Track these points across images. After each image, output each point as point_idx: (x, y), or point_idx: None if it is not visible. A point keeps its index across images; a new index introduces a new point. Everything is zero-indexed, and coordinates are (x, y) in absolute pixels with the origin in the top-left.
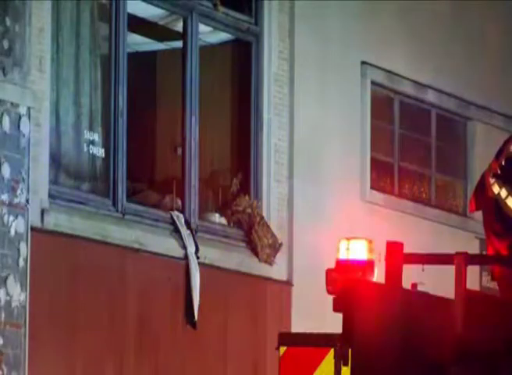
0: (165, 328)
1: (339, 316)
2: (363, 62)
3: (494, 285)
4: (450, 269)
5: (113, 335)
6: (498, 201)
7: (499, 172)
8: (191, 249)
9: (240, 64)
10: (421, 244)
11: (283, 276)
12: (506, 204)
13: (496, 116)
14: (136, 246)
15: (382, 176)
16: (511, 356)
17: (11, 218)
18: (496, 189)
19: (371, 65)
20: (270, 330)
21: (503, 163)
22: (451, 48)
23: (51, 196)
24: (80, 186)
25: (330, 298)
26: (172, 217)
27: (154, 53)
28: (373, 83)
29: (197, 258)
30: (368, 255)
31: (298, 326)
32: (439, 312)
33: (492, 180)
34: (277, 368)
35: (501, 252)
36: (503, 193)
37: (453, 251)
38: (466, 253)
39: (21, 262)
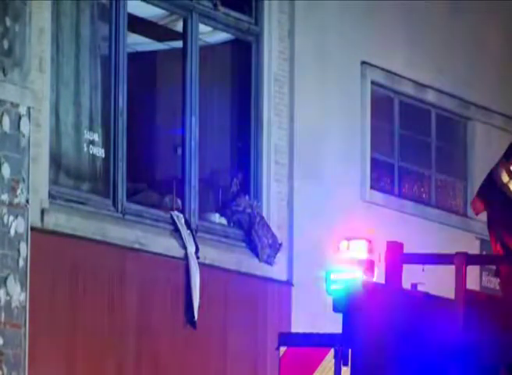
0: (165, 328)
1: (339, 316)
2: (363, 62)
3: (494, 285)
4: (450, 269)
5: (113, 335)
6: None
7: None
8: (191, 249)
9: (240, 64)
10: (421, 244)
11: (283, 276)
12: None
13: (496, 116)
14: (137, 246)
15: (382, 176)
16: (511, 355)
17: (11, 218)
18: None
19: (371, 65)
20: (270, 330)
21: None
22: (451, 48)
23: (51, 196)
24: (80, 186)
25: (330, 298)
26: (172, 217)
27: (154, 53)
28: (373, 83)
29: (197, 258)
30: (367, 255)
31: (298, 326)
32: (439, 312)
33: (506, 179)
34: (277, 368)
35: None
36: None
37: (453, 251)
38: (466, 253)
39: (21, 262)
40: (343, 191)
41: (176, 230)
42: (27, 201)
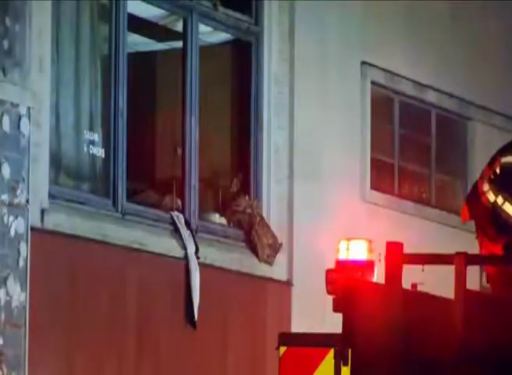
0: (165, 328)
1: (339, 316)
2: (363, 62)
3: None
4: (450, 269)
5: (113, 335)
6: (494, 208)
7: (493, 179)
8: (191, 249)
9: (239, 64)
10: (421, 244)
11: (283, 276)
12: (503, 210)
13: (496, 116)
14: (137, 246)
15: (382, 176)
16: (511, 355)
17: (11, 218)
18: (491, 196)
19: (371, 65)
20: (270, 330)
21: (498, 171)
22: (451, 48)
23: (51, 196)
24: (80, 186)
25: (330, 298)
26: (172, 217)
27: (154, 53)
28: (373, 83)
29: (197, 258)
30: (367, 255)
31: (298, 326)
32: (439, 312)
33: (486, 187)
34: (277, 368)
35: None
36: (500, 200)
37: (453, 251)
38: (466, 253)
39: (21, 262)
40: (343, 191)
41: (176, 230)
42: (27, 201)
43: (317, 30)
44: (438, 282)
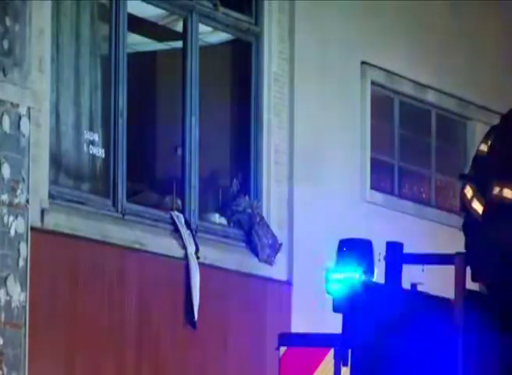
0: (165, 328)
1: (339, 316)
2: (363, 62)
3: None
4: (450, 269)
5: (113, 335)
6: (466, 203)
7: (467, 172)
8: (191, 249)
9: (240, 64)
10: (421, 244)
11: (283, 276)
12: (471, 205)
13: (496, 116)
14: (137, 246)
15: (382, 176)
16: (510, 356)
17: (11, 218)
18: (466, 190)
19: (371, 65)
20: (270, 330)
21: (471, 163)
22: (451, 48)
23: (51, 196)
24: (80, 186)
25: (330, 298)
26: (172, 217)
27: (154, 53)
28: (373, 83)
29: (197, 258)
30: (367, 255)
31: (298, 326)
32: (439, 312)
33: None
34: (277, 368)
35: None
36: (469, 193)
37: (453, 251)
38: (466, 253)
39: (21, 262)
40: (343, 191)
41: (176, 230)
42: (27, 201)
43: (317, 30)
44: (438, 282)
